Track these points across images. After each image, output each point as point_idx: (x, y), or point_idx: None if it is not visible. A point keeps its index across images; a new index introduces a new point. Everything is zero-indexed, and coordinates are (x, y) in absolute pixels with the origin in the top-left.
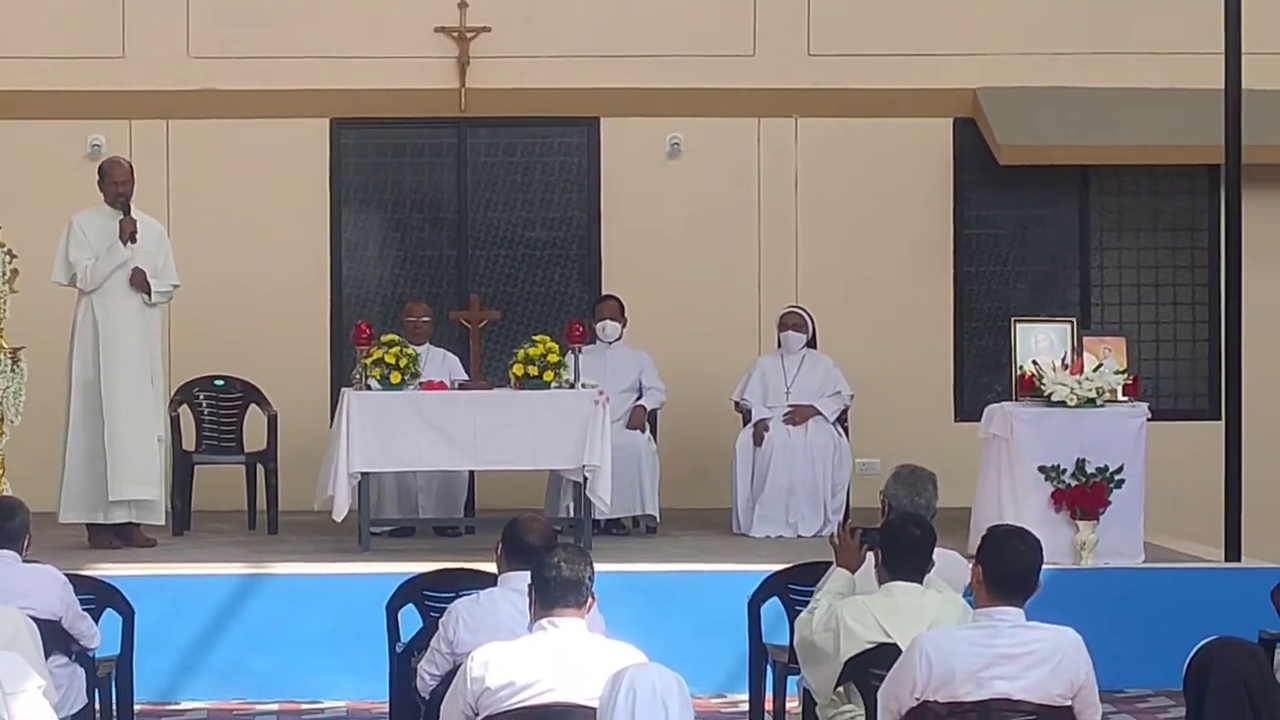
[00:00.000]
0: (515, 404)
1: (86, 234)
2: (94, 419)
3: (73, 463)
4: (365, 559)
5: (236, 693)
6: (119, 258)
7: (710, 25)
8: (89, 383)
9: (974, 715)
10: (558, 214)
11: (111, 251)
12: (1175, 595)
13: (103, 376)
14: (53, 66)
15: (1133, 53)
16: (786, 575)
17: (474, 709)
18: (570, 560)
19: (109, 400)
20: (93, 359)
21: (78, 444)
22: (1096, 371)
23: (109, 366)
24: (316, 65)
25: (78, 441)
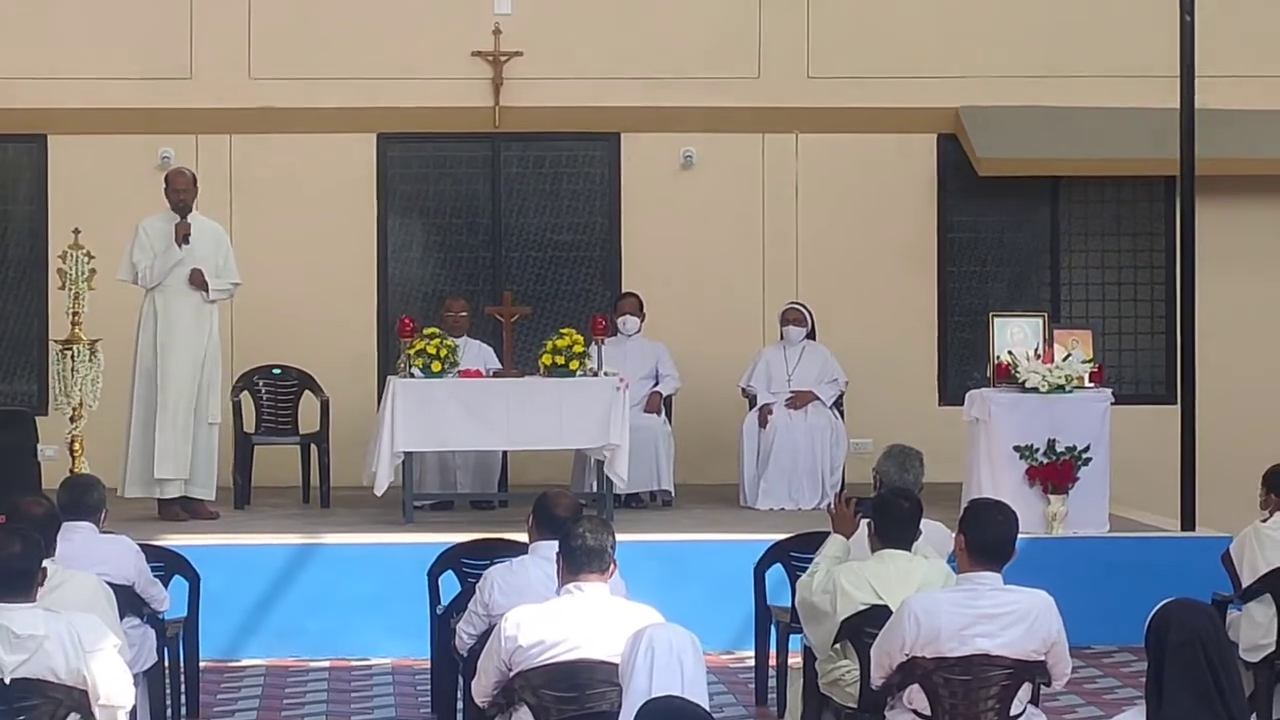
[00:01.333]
0: (544, 390)
1: (149, 237)
2: (149, 404)
3: (134, 443)
4: (408, 530)
5: (292, 651)
6: (174, 258)
7: (719, 50)
8: (149, 371)
9: (958, 669)
10: (582, 219)
11: (168, 252)
12: (1137, 561)
13: (159, 365)
14: (127, 86)
15: (1098, 76)
16: (788, 544)
17: (508, 665)
18: (594, 531)
19: (163, 387)
20: (152, 349)
21: (138, 426)
22: (1065, 361)
23: (165, 356)
24: (365, 86)
25: (138, 424)
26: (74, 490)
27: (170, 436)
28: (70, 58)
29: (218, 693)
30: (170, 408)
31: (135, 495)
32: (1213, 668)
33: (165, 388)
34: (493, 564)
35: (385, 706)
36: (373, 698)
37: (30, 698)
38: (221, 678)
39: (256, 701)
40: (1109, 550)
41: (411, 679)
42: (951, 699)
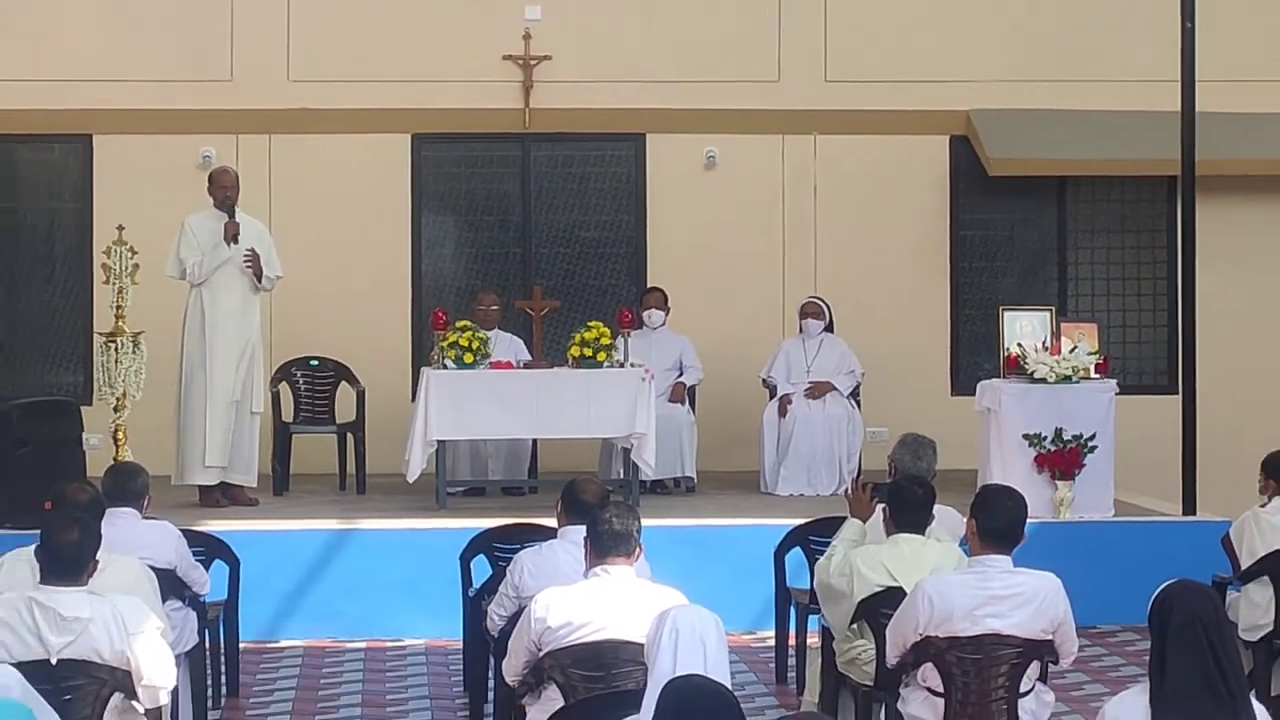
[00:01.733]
0: (572, 381)
1: (196, 234)
2: (197, 394)
3: (185, 433)
4: (441, 515)
5: (329, 632)
6: (223, 255)
7: (741, 55)
8: (195, 363)
9: (969, 648)
10: (609, 217)
11: (216, 250)
12: (1140, 544)
13: (208, 359)
14: (170, 88)
15: (1103, 80)
16: (807, 528)
17: (537, 645)
18: (620, 516)
19: (211, 379)
20: (199, 343)
21: (188, 416)
22: (1072, 353)
23: (213, 350)
24: (399, 88)
25: (188, 414)
26: (118, 477)
27: (216, 425)
28: (114, 61)
29: (257, 673)
30: (217, 398)
31: (188, 483)
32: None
33: (214, 380)
34: (523, 548)
35: (419, 686)
36: (407, 677)
37: (76, 678)
38: (261, 658)
39: (295, 681)
40: (1114, 534)
41: (444, 659)
42: (964, 677)
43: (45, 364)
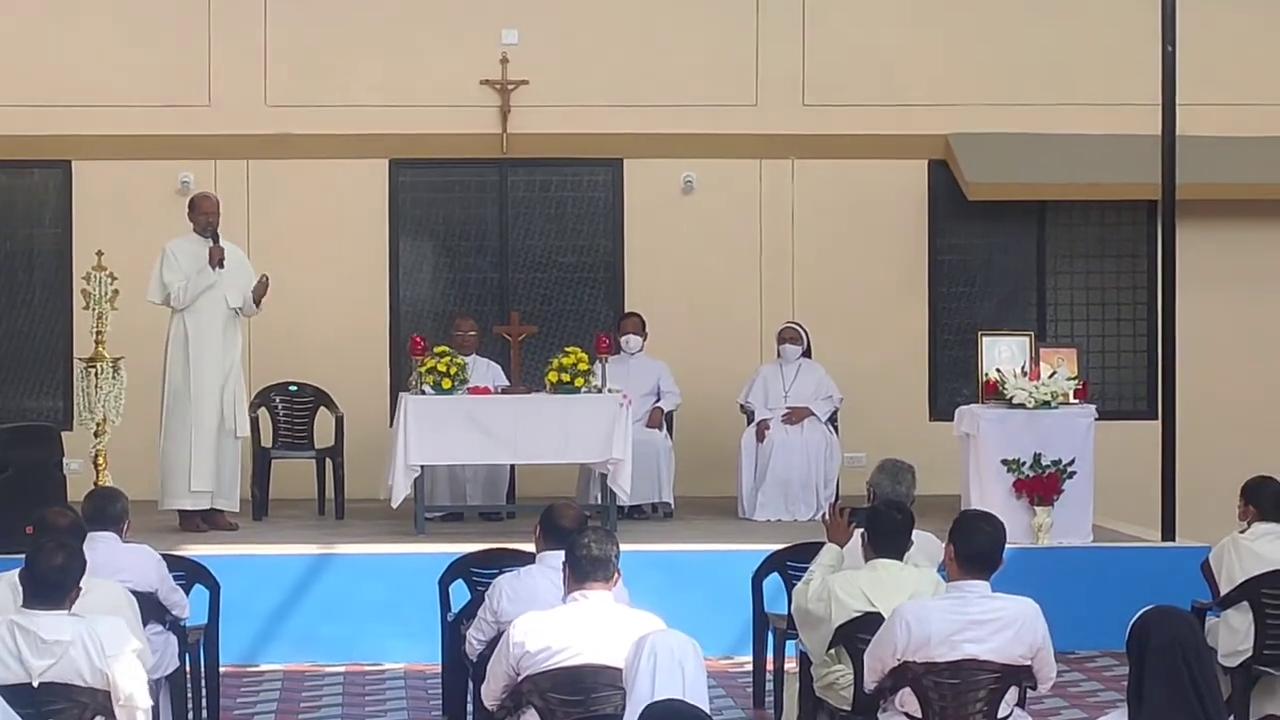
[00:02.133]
0: (550, 406)
1: (179, 259)
2: (180, 419)
3: (168, 458)
4: (420, 540)
5: (308, 656)
6: (208, 280)
7: (718, 79)
8: (179, 388)
9: (947, 673)
10: (587, 242)
11: (201, 275)
12: (1119, 570)
13: (192, 384)
14: (148, 114)
15: (1082, 103)
16: (785, 554)
17: (516, 670)
18: (599, 541)
19: (197, 404)
20: (182, 367)
21: (170, 441)
22: (1051, 378)
23: (197, 375)
24: (377, 113)
25: (171, 440)
26: (98, 501)
27: (203, 450)
28: (93, 86)
29: (237, 696)
30: (202, 424)
31: (171, 507)
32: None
33: (199, 405)
34: (501, 573)
35: (398, 710)
36: (386, 701)
37: (57, 701)
38: (241, 682)
39: (275, 705)
40: (1092, 560)
41: (423, 683)
42: (941, 702)
43: (25, 389)
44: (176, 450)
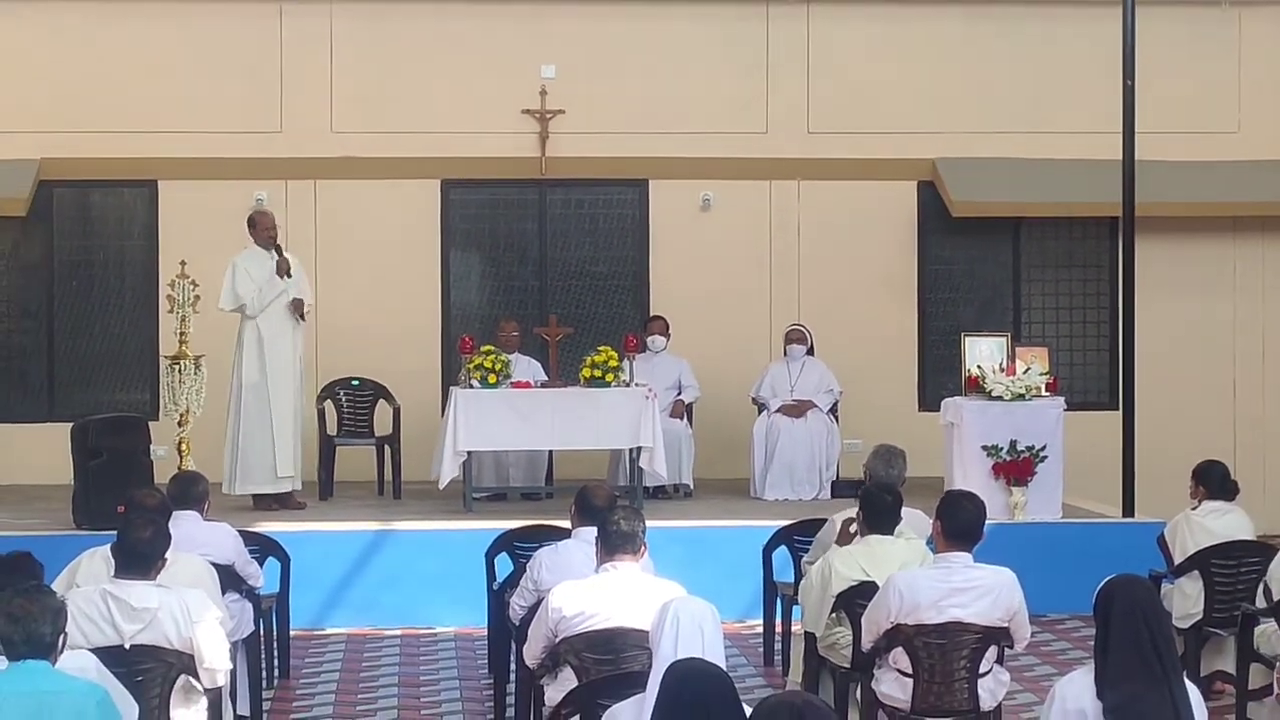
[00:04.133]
0: (584, 399)
1: (250, 271)
2: (258, 412)
3: (240, 447)
4: (468, 518)
5: (369, 621)
6: (278, 288)
7: (733, 110)
8: (255, 384)
9: (935, 634)
10: (616, 253)
11: (270, 284)
12: (1085, 543)
13: (268, 380)
14: (226, 139)
15: (1053, 132)
16: (792, 529)
17: (554, 632)
18: (628, 518)
19: (273, 398)
20: (258, 366)
21: (246, 431)
22: (1025, 374)
23: (272, 372)
24: (430, 138)
25: (246, 429)
26: (182, 484)
27: (285, 440)
28: (177, 114)
29: (305, 657)
30: (282, 416)
31: (245, 491)
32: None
33: (276, 400)
34: (541, 547)
35: (449, 669)
36: (438, 661)
37: (146, 661)
38: (309, 644)
39: (339, 665)
40: (1062, 534)
41: (471, 645)
42: (930, 660)
43: (116, 384)
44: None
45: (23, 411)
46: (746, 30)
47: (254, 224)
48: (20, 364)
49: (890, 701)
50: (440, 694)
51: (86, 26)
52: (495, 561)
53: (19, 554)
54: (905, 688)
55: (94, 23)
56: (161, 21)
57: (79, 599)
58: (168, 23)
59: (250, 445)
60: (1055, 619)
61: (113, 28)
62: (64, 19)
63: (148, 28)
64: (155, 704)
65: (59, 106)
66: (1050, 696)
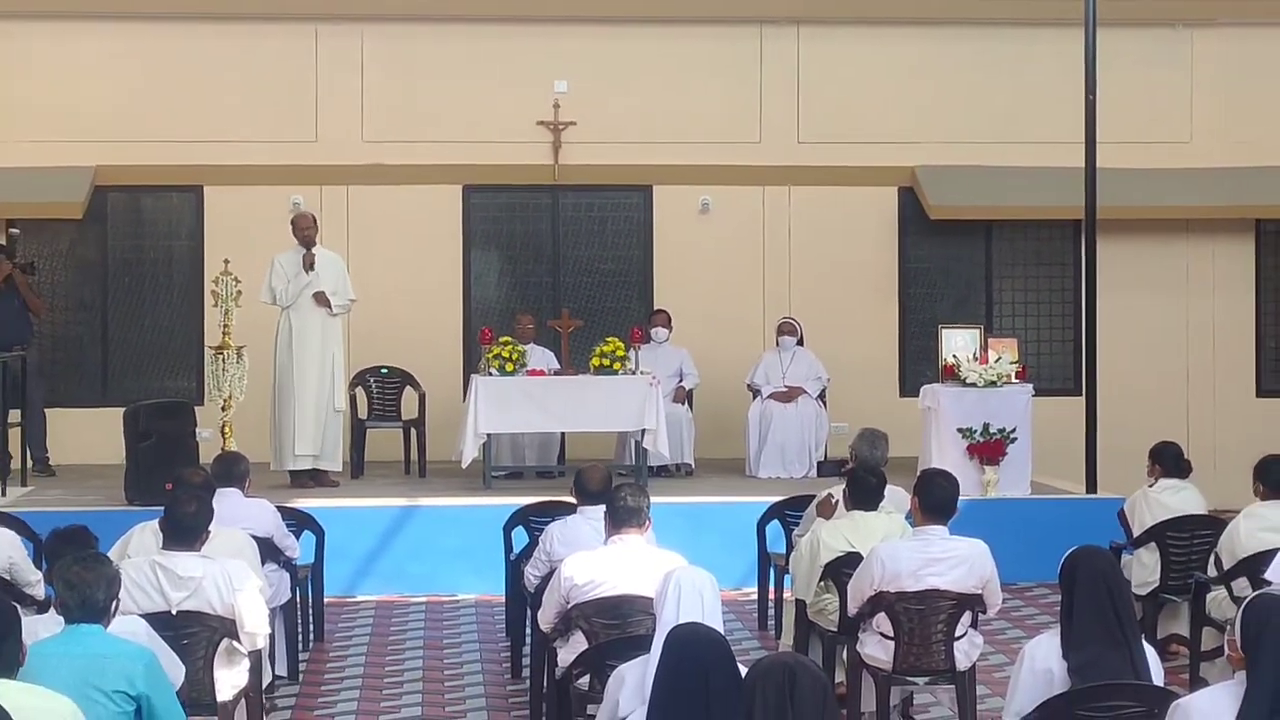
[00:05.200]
0: (593, 385)
1: (283, 267)
2: (288, 398)
3: (279, 428)
4: (487, 494)
5: (397, 589)
6: (304, 281)
7: (729, 122)
8: (285, 369)
9: (914, 601)
10: (623, 252)
11: (298, 278)
12: (1052, 517)
13: (294, 368)
14: (265, 147)
15: (1021, 142)
16: (783, 504)
17: (566, 599)
18: (634, 494)
19: (298, 384)
20: (288, 355)
21: (281, 415)
22: (997, 362)
23: (299, 361)
24: (453, 147)
25: (281, 413)
26: (225, 463)
27: (305, 422)
28: (221, 125)
29: (339, 622)
30: (304, 400)
31: (284, 469)
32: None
33: (301, 386)
34: (553, 520)
35: (470, 633)
36: (460, 626)
37: (192, 626)
38: (341, 611)
39: (369, 629)
40: (1030, 508)
41: (490, 611)
42: (910, 624)
43: (165, 372)
44: (285, 421)
45: (79, 397)
46: (741, 49)
47: (294, 224)
48: (77, 353)
49: (873, 662)
50: (462, 656)
51: (138, 46)
52: (512, 534)
53: (76, 527)
54: (887, 649)
55: (145, 42)
56: (207, 41)
57: (130, 569)
58: (213, 42)
59: (285, 428)
60: (1024, 586)
61: (162, 47)
62: (118, 39)
63: (194, 47)
64: (200, 665)
65: (113, 118)
66: (1020, 657)
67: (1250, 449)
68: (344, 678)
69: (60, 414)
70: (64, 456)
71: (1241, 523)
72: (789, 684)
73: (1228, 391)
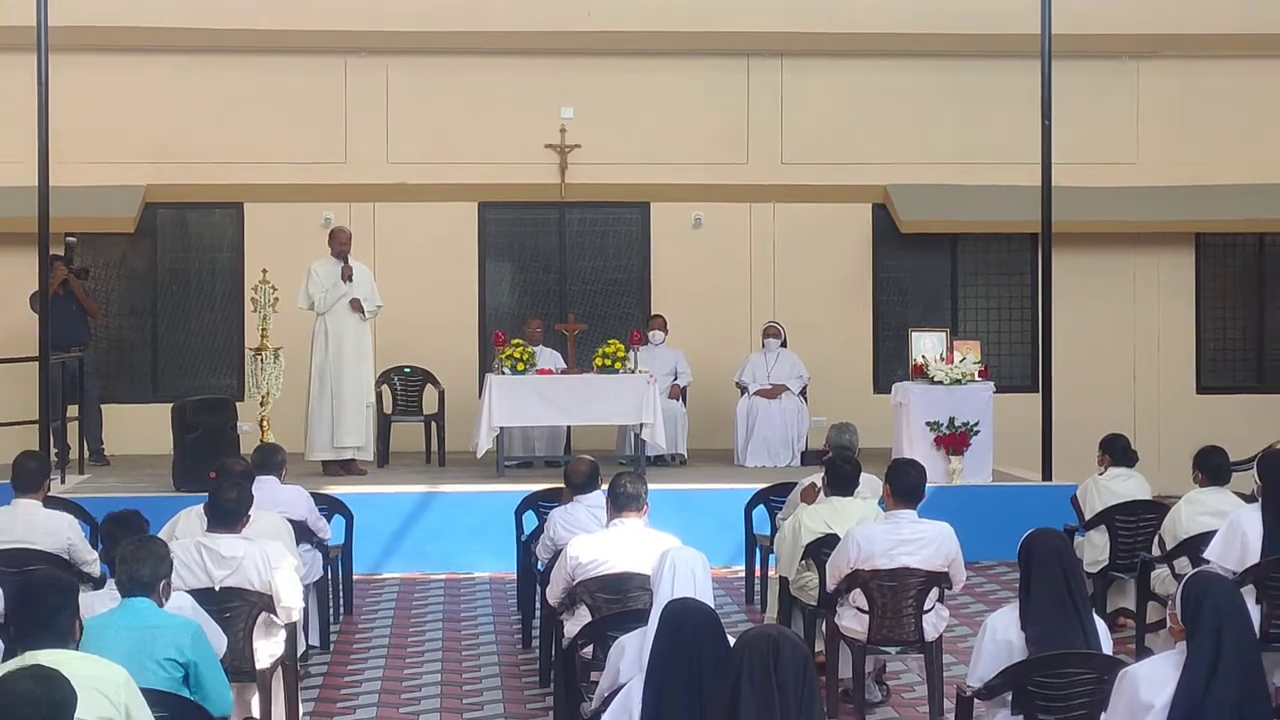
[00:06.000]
0: (597, 383)
1: (320, 276)
2: (325, 393)
3: (314, 421)
4: (500, 481)
5: (419, 567)
6: (341, 291)
7: (719, 145)
8: (324, 370)
9: (887, 578)
10: (624, 262)
11: (336, 287)
12: (1011, 502)
13: (332, 366)
14: (300, 168)
15: (984, 163)
16: (768, 491)
17: (572, 576)
18: (633, 481)
19: (336, 381)
20: (325, 355)
21: (316, 409)
22: (962, 362)
23: (337, 360)
24: (470, 168)
25: (317, 408)
26: (263, 453)
27: (347, 417)
28: (259, 147)
29: (366, 597)
30: (344, 398)
31: (317, 458)
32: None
33: (340, 384)
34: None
35: (485, 607)
36: (476, 601)
37: (233, 600)
38: (369, 587)
39: (394, 603)
40: (992, 494)
41: (503, 587)
42: (882, 598)
43: (209, 371)
44: (318, 416)
45: (131, 394)
46: (730, 79)
47: (332, 237)
48: (129, 354)
49: (850, 633)
50: (478, 628)
51: (185, 77)
52: (523, 518)
53: (128, 511)
54: (862, 622)
55: (191, 74)
56: (247, 72)
57: (177, 549)
58: (252, 73)
59: (320, 421)
60: (986, 565)
61: (207, 78)
62: (167, 72)
63: (235, 77)
64: (241, 636)
65: (162, 142)
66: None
67: (1190, 441)
68: (371, 647)
69: (114, 409)
70: (118, 447)
71: (1183, 507)
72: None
73: (1170, 389)
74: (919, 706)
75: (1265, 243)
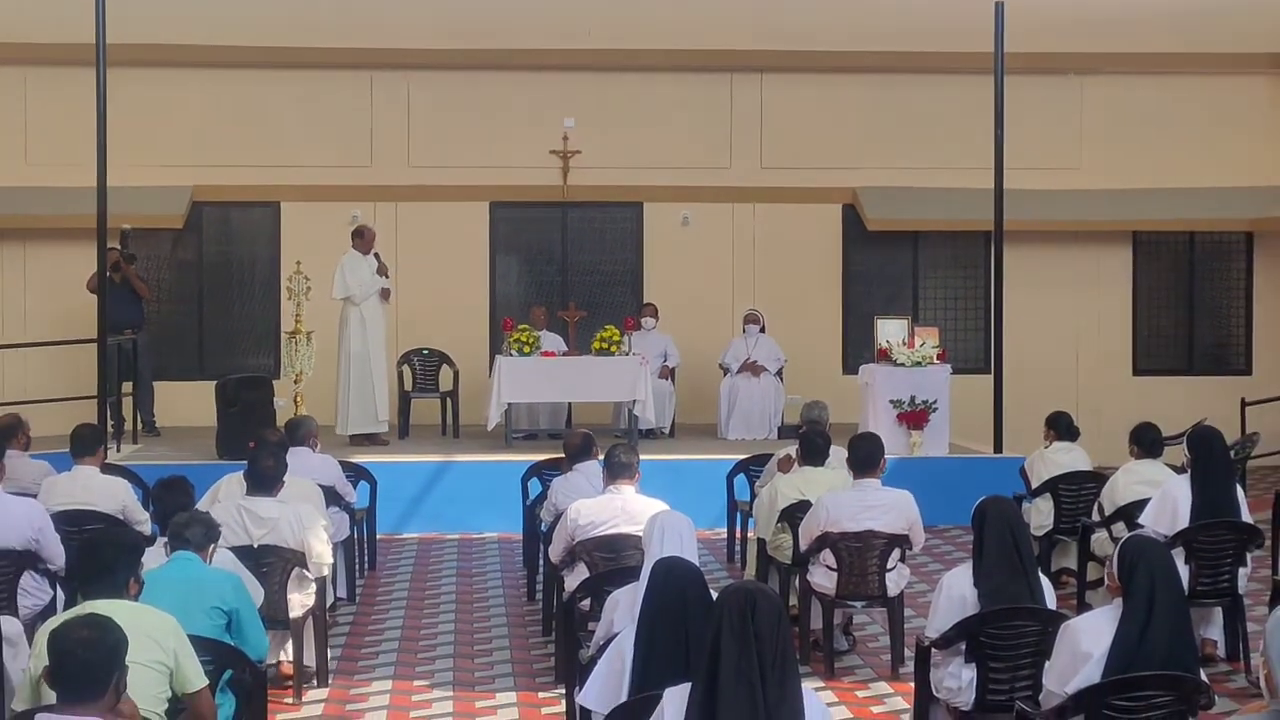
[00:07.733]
0: (594, 364)
1: (355, 269)
2: (363, 374)
3: (348, 398)
4: (508, 451)
5: (435, 528)
6: (376, 283)
7: (704, 151)
8: (358, 354)
9: (854, 540)
10: (619, 257)
11: (372, 279)
12: (966, 472)
13: (369, 350)
14: (329, 170)
15: (942, 167)
16: (747, 461)
17: (572, 537)
18: (627, 451)
19: (374, 365)
20: (359, 340)
21: (354, 387)
22: (922, 346)
23: (372, 344)
24: (482, 171)
25: (351, 386)
26: (297, 426)
27: (384, 395)
28: (294, 152)
29: (388, 554)
30: (380, 379)
31: (348, 432)
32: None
33: (375, 365)
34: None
35: (494, 564)
36: (486, 559)
37: (270, 557)
38: (390, 546)
39: (413, 560)
40: (948, 465)
41: (511, 547)
42: (849, 558)
43: (248, 352)
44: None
45: (179, 372)
46: (715, 92)
47: (360, 235)
48: (177, 336)
49: (820, 589)
50: (487, 582)
51: (228, 90)
52: (528, 484)
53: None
54: (831, 579)
55: (233, 86)
56: (284, 85)
57: (219, 511)
58: (287, 86)
59: (358, 398)
60: (943, 528)
61: (247, 90)
62: (212, 84)
63: (272, 90)
64: (276, 589)
65: (207, 147)
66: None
67: (1127, 418)
68: (392, 599)
69: (164, 386)
70: (167, 419)
71: (1120, 477)
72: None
73: (1109, 371)
74: (882, 655)
75: (1195, 240)
